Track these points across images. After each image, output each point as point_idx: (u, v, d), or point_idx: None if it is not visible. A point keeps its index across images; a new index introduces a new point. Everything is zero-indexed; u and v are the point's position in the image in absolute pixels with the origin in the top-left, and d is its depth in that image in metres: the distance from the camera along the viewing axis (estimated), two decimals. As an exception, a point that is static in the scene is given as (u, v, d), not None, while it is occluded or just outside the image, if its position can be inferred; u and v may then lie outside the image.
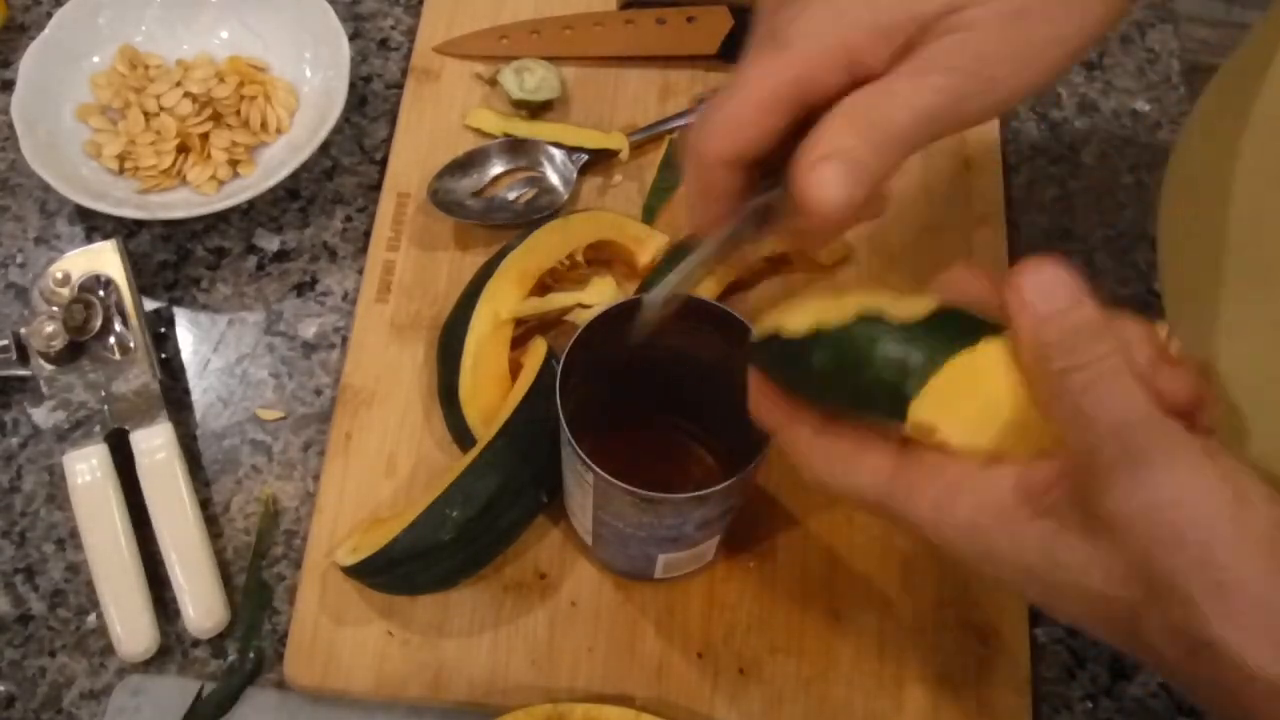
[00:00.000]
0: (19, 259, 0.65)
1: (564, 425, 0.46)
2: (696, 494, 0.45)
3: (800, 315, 0.38)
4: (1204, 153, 0.50)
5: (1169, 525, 0.31)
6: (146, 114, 0.66)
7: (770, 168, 0.39)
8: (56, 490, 0.59)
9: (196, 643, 0.56)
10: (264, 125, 0.66)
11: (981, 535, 0.35)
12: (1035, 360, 0.34)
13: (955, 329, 0.36)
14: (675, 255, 0.60)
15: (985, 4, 0.38)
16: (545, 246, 0.60)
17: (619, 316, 0.48)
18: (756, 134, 0.38)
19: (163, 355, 0.62)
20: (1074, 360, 0.33)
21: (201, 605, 0.55)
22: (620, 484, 0.45)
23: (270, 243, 0.66)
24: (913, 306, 0.36)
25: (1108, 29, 0.41)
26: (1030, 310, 0.34)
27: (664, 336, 0.50)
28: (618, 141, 0.66)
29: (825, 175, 0.36)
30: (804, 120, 0.38)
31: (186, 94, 0.66)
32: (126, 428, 0.58)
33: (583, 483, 0.48)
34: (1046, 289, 0.34)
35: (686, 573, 0.55)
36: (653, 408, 0.55)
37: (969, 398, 0.35)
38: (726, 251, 0.41)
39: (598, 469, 0.45)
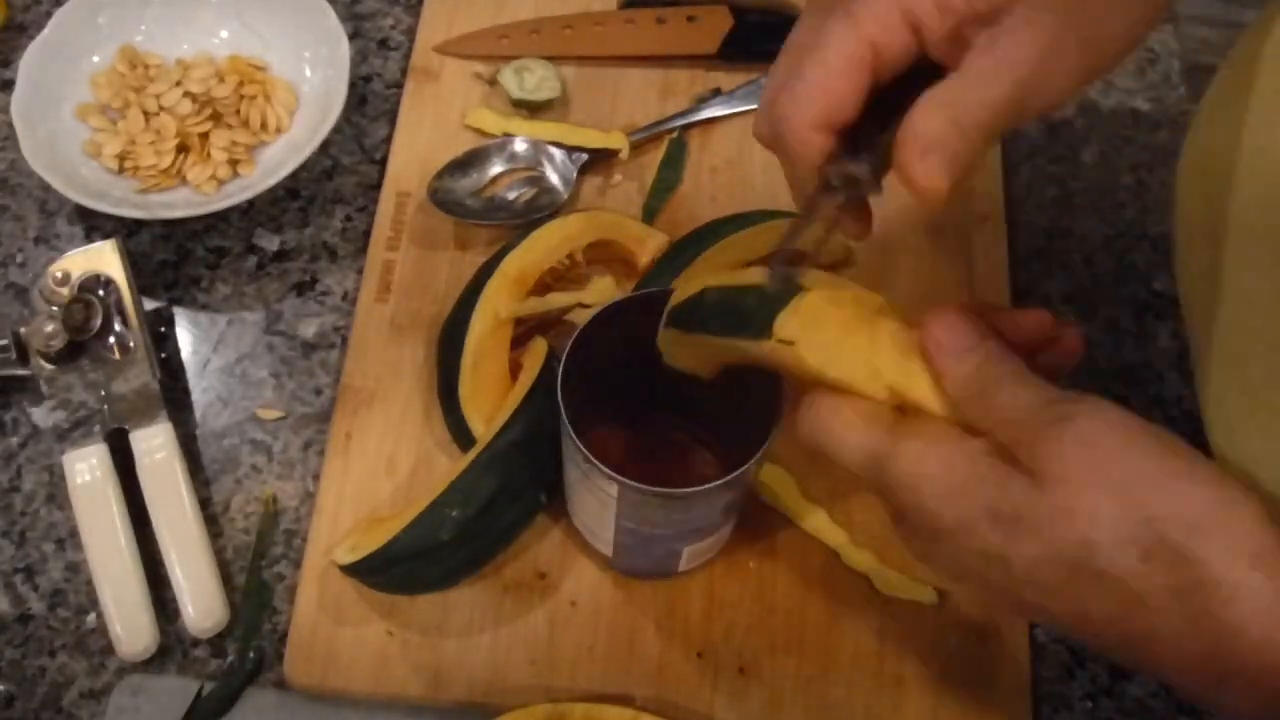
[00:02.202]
0: (19, 259, 0.65)
1: (577, 441, 0.46)
2: (726, 479, 0.45)
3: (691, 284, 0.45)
4: (1217, 137, 0.49)
5: (1100, 448, 0.36)
6: (146, 114, 0.66)
7: (846, 138, 0.42)
8: (56, 490, 0.59)
9: (196, 643, 0.56)
10: (264, 125, 0.66)
11: (958, 472, 0.38)
12: (961, 386, 0.39)
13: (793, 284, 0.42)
14: (676, 253, 0.60)
15: (1039, 3, 0.39)
16: (545, 246, 0.60)
17: (619, 316, 0.48)
18: (842, 99, 0.41)
19: (163, 355, 0.62)
20: (996, 373, 0.39)
21: (201, 605, 0.55)
22: (651, 489, 0.45)
23: (270, 242, 0.66)
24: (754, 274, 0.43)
25: (1164, 13, 0.43)
26: (949, 352, 0.40)
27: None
28: (618, 141, 0.66)
29: (932, 167, 0.39)
30: (873, 89, 0.41)
31: (186, 94, 0.66)
32: (126, 427, 0.58)
33: (602, 496, 0.47)
34: (955, 335, 0.40)
35: (702, 563, 0.55)
36: (651, 406, 0.55)
37: (820, 327, 0.41)
38: (816, 211, 0.43)
39: (624, 480, 0.45)
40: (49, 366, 0.59)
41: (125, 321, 0.60)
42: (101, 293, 0.60)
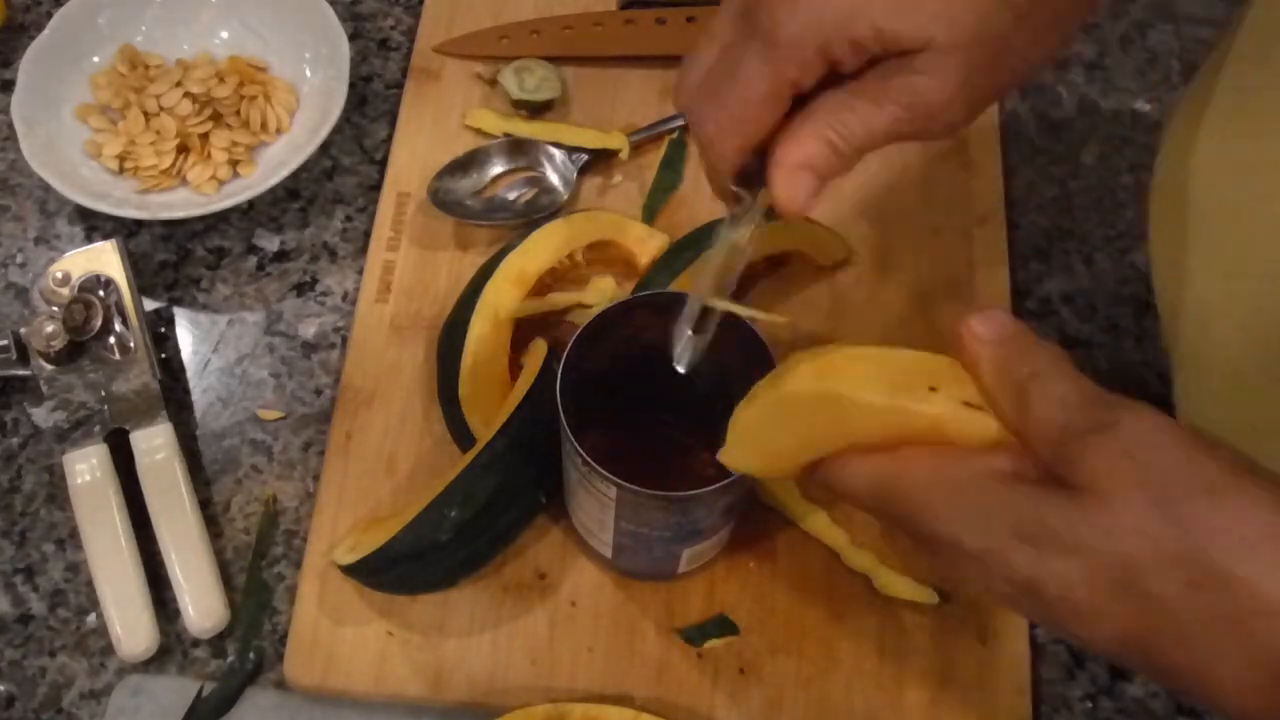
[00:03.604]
0: (19, 259, 0.65)
1: (576, 444, 0.45)
2: (726, 482, 0.45)
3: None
4: (1188, 145, 0.50)
5: (1145, 460, 0.34)
6: (146, 114, 0.66)
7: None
8: (56, 490, 0.59)
9: (196, 643, 0.56)
10: (264, 125, 0.66)
11: (975, 495, 0.37)
12: (999, 376, 0.38)
13: None
14: (675, 253, 0.60)
15: (950, 51, 0.40)
16: (545, 246, 0.60)
17: (619, 317, 0.48)
18: (760, 128, 0.43)
19: (163, 355, 0.62)
20: (1035, 366, 0.38)
21: (201, 605, 0.55)
22: (649, 492, 0.45)
23: (270, 243, 0.66)
24: None
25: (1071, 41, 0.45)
26: (987, 340, 0.39)
27: (662, 335, 0.50)
28: (618, 141, 0.66)
29: (797, 185, 0.42)
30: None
31: (186, 94, 0.66)
32: (126, 428, 0.58)
33: (601, 498, 0.47)
34: (994, 325, 0.39)
35: (704, 563, 0.55)
36: (651, 407, 0.55)
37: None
38: (742, 247, 0.45)
39: (623, 483, 0.45)
40: (49, 367, 0.59)
41: (125, 322, 0.60)
42: (101, 293, 0.60)
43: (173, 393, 0.61)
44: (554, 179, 0.66)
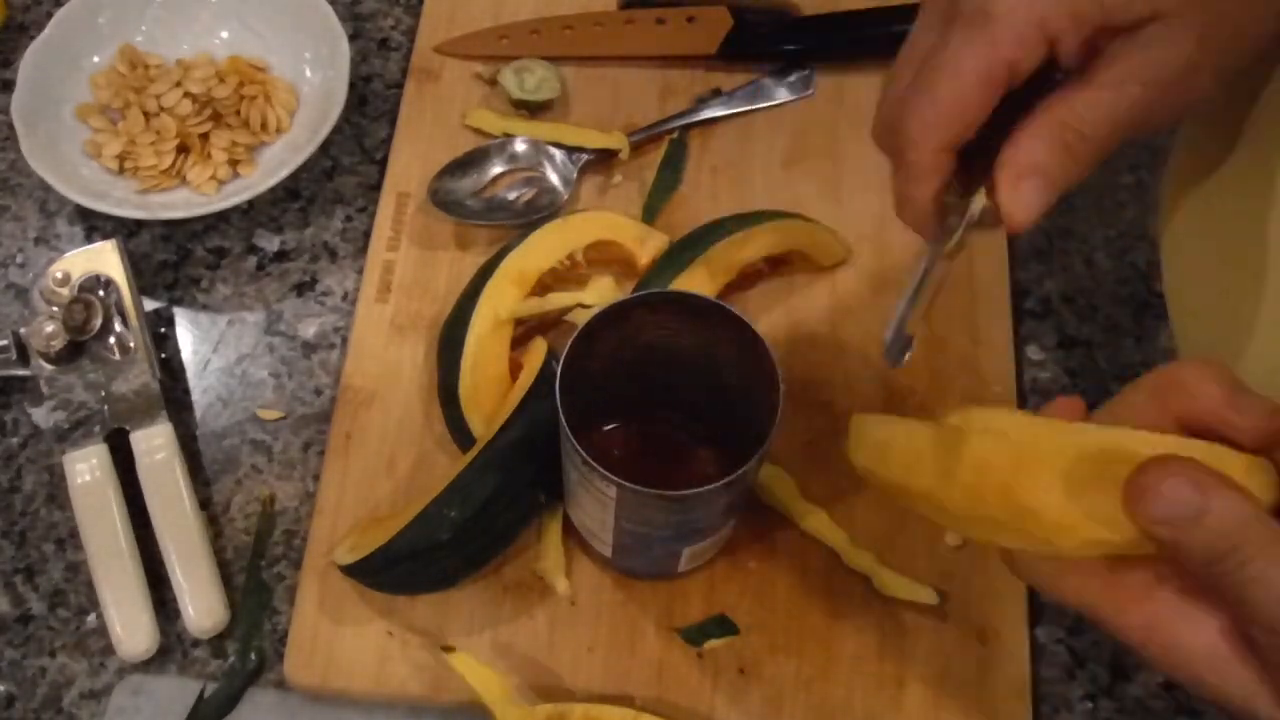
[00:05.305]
0: (19, 259, 0.65)
1: (575, 443, 0.45)
2: (726, 480, 0.45)
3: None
4: (1203, 151, 0.50)
5: None
6: (146, 114, 0.66)
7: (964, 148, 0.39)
8: (56, 490, 0.59)
9: (196, 643, 0.56)
10: (264, 125, 0.66)
11: (1192, 668, 0.34)
12: (1200, 550, 0.33)
13: None
14: (675, 253, 0.60)
15: (1178, 13, 0.37)
16: (545, 246, 0.60)
17: (619, 316, 0.48)
18: (974, 120, 0.38)
19: (163, 355, 0.62)
20: (1242, 556, 0.32)
21: (201, 605, 0.55)
22: (650, 490, 0.45)
23: (270, 243, 0.66)
24: None
25: None
26: (1212, 509, 0.32)
27: (662, 334, 0.50)
28: (618, 141, 0.66)
29: (1026, 193, 0.37)
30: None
31: (186, 94, 0.66)
32: (126, 428, 0.58)
33: (601, 497, 0.47)
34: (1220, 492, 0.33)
35: (702, 563, 0.55)
36: (651, 406, 0.55)
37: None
38: (949, 260, 0.40)
39: (623, 482, 0.45)
40: (49, 367, 0.59)
41: (125, 322, 0.60)
42: (102, 293, 0.60)
43: (173, 393, 0.61)
44: (554, 179, 0.66)
